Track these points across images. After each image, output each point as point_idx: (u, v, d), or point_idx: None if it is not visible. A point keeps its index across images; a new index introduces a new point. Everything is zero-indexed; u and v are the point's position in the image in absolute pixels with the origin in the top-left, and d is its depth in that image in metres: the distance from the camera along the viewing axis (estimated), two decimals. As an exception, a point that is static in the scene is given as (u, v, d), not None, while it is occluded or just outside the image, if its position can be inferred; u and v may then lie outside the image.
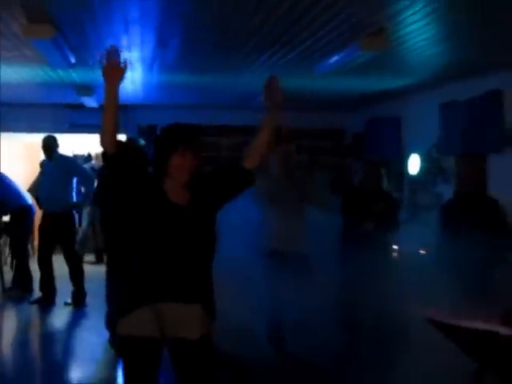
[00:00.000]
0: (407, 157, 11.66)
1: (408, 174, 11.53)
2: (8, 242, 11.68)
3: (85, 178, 10.21)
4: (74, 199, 10.21)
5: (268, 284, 7.39)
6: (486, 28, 6.77)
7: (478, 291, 5.58)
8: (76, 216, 10.27)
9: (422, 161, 11.37)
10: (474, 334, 2.90)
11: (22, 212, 10.37)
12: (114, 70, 3.93)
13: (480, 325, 2.84)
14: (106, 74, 4.01)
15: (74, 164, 10.30)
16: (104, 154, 4.51)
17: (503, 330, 2.63)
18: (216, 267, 7.79)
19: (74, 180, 10.19)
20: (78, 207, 10.55)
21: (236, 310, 8.20)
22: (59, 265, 10.70)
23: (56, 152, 10.03)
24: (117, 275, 4.32)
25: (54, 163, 9.99)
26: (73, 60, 7.84)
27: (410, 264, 6.99)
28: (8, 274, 10.92)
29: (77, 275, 10.06)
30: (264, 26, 6.63)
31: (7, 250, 12.03)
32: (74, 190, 10.25)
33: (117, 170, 4.17)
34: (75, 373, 7.72)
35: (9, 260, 11.68)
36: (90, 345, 8.27)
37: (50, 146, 9.96)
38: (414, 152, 11.50)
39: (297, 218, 7.54)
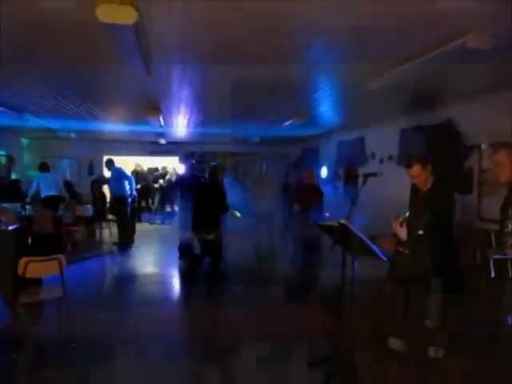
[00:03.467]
0: (321, 167, 11.99)
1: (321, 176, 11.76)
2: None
3: (129, 180, 9.97)
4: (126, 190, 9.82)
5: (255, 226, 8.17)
6: (359, 108, 7.41)
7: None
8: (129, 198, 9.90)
9: (328, 170, 11.72)
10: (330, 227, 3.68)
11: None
12: None
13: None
14: None
15: (122, 173, 9.93)
16: None
17: (335, 224, 3.42)
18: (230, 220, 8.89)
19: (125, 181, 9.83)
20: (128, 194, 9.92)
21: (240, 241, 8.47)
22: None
23: (113, 166, 10.02)
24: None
25: (112, 172, 9.97)
26: (163, 123, 8.90)
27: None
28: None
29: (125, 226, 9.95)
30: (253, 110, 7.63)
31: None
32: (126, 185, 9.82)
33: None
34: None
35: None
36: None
37: (108, 163, 10.08)
38: (324, 165, 11.99)
39: (265, 196, 8.04)
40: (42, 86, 6.25)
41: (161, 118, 8.32)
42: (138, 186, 13.10)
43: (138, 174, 14.07)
